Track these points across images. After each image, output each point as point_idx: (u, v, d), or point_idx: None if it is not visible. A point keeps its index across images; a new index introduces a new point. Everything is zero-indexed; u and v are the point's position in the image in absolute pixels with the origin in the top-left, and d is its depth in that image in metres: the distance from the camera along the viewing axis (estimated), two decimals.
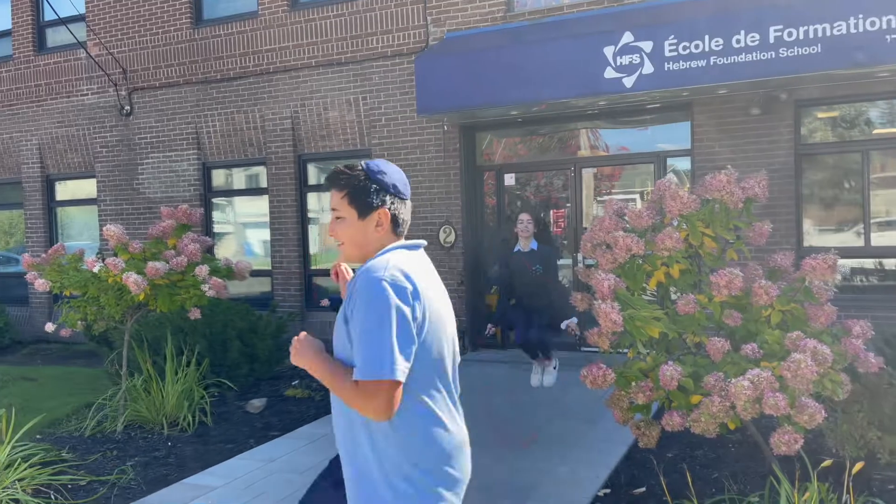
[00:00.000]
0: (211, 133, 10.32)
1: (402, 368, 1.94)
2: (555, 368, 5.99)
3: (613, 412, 3.96)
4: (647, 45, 7.09)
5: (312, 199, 10.00)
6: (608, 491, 4.52)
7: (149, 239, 6.17)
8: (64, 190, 11.83)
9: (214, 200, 10.66)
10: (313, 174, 9.98)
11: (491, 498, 4.39)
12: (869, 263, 7.49)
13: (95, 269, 5.73)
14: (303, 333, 2.17)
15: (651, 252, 3.87)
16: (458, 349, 2.24)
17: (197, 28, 10.27)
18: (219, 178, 10.64)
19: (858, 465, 3.36)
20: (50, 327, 6.04)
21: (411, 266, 2.07)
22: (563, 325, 5.83)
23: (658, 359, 3.72)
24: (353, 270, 2.28)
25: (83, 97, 11.20)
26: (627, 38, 7.17)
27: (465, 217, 8.93)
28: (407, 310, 1.97)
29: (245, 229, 10.86)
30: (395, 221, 2.17)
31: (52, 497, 4.66)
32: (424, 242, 2.24)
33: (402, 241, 2.19)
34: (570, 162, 8.74)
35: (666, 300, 4.04)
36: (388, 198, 2.15)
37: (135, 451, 5.64)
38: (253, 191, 10.41)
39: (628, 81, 7.20)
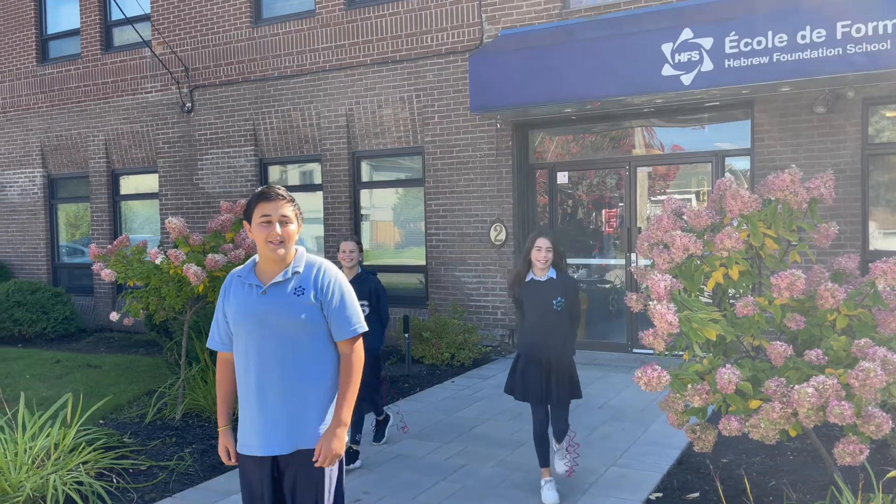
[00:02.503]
0: (268, 130, 10.53)
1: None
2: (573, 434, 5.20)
3: (668, 415, 3.89)
4: (706, 42, 6.94)
5: (365, 196, 10.11)
6: (660, 495, 4.45)
7: (208, 232, 6.34)
8: (127, 184, 12.25)
9: None
10: (366, 171, 10.08)
11: (541, 499, 4.37)
12: None
13: (158, 261, 5.92)
14: (334, 457, 2.68)
15: (709, 252, 3.79)
16: None
17: (256, 27, 10.49)
18: (275, 174, 10.85)
19: None
20: (114, 316, 6.27)
21: None
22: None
23: (715, 362, 3.63)
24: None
25: (147, 94, 11.56)
26: (686, 34, 7.04)
27: (517, 215, 8.90)
28: None
29: None
30: None
31: (115, 480, 4.83)
32: None
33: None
34: (624, 160, 8.62)
35: (724, 302, 3.95)
36: None
37: (192, 438, 5.81)
38: (307, 187, 10.58)
39: (686, 79, 7.06)
